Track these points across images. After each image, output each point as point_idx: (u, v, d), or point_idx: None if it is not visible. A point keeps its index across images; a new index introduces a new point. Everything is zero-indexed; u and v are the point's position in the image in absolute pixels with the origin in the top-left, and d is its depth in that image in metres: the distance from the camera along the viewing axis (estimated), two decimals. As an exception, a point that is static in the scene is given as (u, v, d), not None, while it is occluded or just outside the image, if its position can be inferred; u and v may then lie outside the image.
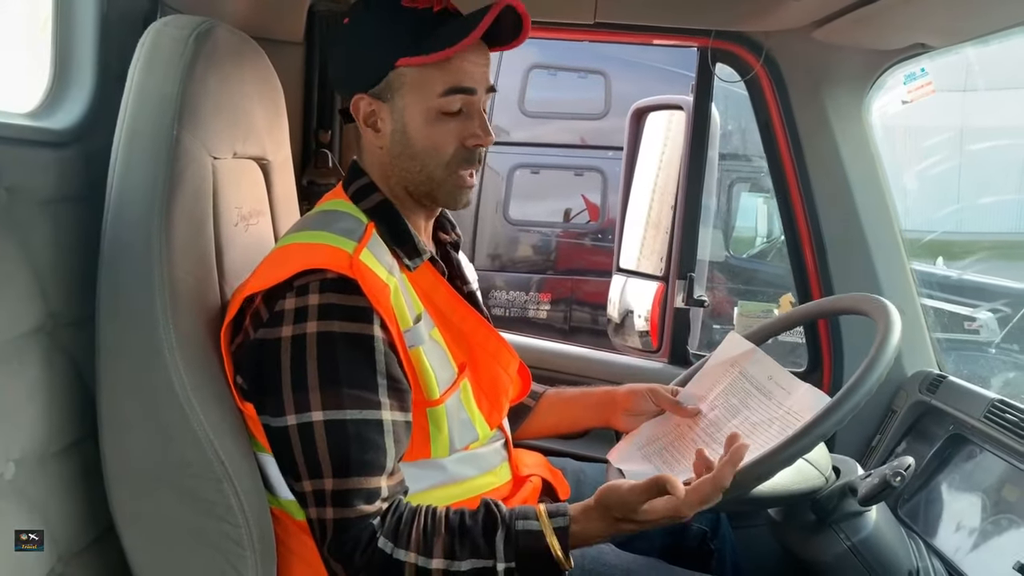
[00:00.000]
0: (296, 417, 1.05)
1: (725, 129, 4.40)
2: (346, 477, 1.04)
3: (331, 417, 1.04)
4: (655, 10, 1.70)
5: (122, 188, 1.12)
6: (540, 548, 1.05)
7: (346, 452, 1.04)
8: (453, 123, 1.14)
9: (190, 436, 1.09)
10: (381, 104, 1.15)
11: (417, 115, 1.13)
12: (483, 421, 1.21)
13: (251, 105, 1.35)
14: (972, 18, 1.47)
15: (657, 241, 2.61)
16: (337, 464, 1.04)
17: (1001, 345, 4.13)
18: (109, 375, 1.10)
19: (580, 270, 5.12)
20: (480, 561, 1.04)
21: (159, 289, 1.09)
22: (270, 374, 1.07)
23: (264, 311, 1.09)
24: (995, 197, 5.94)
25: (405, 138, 1.15)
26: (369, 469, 1.05)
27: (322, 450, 1.04)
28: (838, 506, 1.25)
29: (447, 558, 1.04)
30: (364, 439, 1.05)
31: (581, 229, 5.19)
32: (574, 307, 5.08)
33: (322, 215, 1.20)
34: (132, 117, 1.13)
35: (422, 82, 1.12)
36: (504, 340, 1.27)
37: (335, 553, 1.05)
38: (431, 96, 1.13)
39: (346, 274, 1.06)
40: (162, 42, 1.15)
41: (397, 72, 1.13)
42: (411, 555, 1.04)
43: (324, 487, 1.04)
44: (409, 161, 1.16)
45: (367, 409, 1.06)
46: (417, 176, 1.16)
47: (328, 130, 1.84)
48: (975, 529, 1.42)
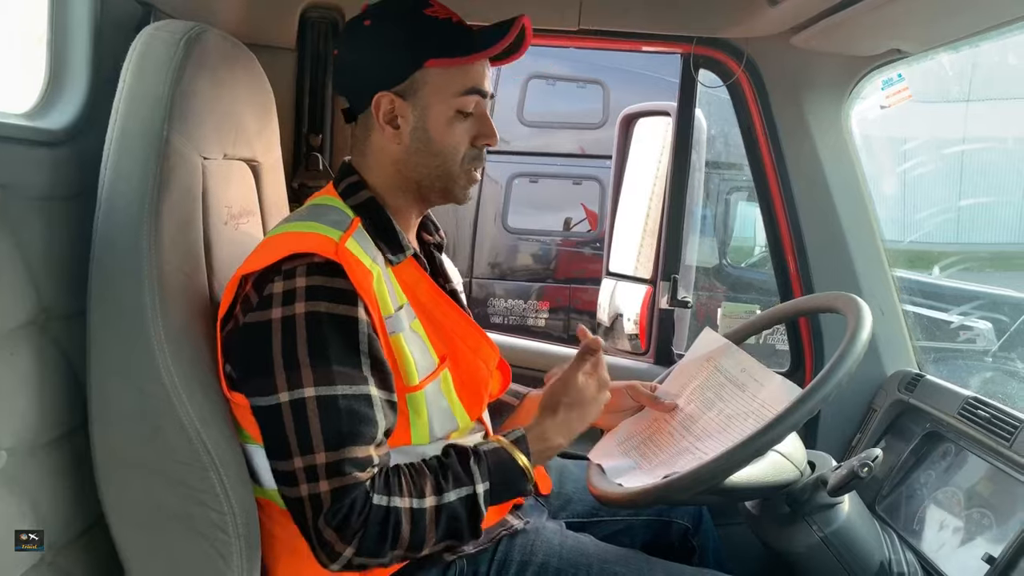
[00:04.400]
0: (289, 394, 1.09)
1: (718, 137, 4.43)
2: (338, 448, 1.08)
3: (323, 393, 1.08)
4: (638, 17, 1.74)
5: (113, 186, 1.15)
6: (505, 459, 1.18)
7: (338, 425, 1.08)
8: (466, 123, 1.23)
9: (178, 426, 1.12)
10: (403, 102, 1.21)
11: (439, 114, 1.21)
12: (463, 411, 1.25)
13: (241, 108, 1.39)
14: (944, 24, 1.51)
15: (653, 248, 2.64)
16: (329, 437, 1.08)
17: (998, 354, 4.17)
18: (99, 367, 1.13)
19: (579, 279, 5.15)
20: (463, 489, 1.14)
21: (148, 283, 1.12)
22: (261, 355, 1.10)
23: (254, 295, 1.13)
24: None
25: (426, 135, 1.22)
26: (360, 439, 1.09)
27: (314, 425, 1.08)
28: (811, 498, 1.28)
29: (436, 494, 1.12)
30: (355, 412, 1.09)
31: (579, 238, 5.22)
32: (572, 315, 5.10)
33: (311, 208, 1.25)
34: (124, 118, 1.17)
35: (445, 83, 1.20)
36: (485, 335, 1.30)
37: (332, 521, 1.07)
38: (451, 96, 1.21)
39: (332, 259, 1.11)
40: (154, 45, 1.19)
41: (424, 72, 1.20)
42: (405, 500, 1.11)
43: (316, 461, 1.08)
44: (429, 157, 1.23)
45: (356, 384, 1.10)
46: (435, 171, 1.24)
47: (319, 134, 1.88)
48: (949, 523, 1.45)
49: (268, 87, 1.49)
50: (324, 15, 1.81)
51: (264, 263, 1.12)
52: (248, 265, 1.15)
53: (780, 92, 1.79)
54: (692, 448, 1.31)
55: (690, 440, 1.33)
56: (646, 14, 1.72)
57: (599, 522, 1.49)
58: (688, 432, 1.35)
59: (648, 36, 1.84)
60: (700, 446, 1.30)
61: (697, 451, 1.30)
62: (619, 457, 1.38)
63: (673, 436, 1.36)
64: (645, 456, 1.36)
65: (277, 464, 1.11)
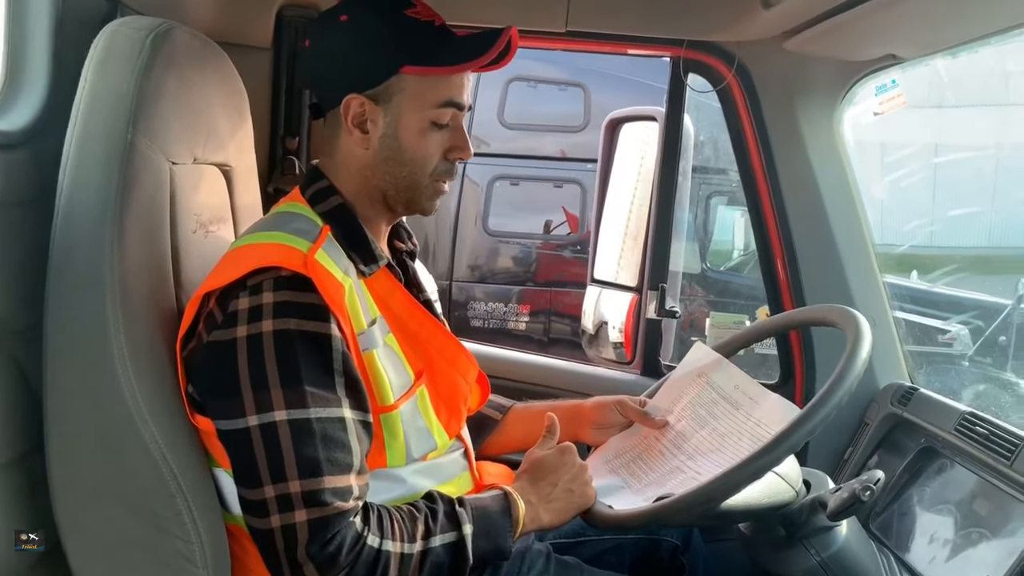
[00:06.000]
0: (258, 417, 1.02)
1: (698, 141, 4.42)
2: (314, 477, 1.01)
3: (295, 416, 1.02)
4: (627, 19, 1.69)
5: (73, 191, 1.08)
6: (489, 505, 1.14)
7: (313, 451, 1.01)
8: (440, 135, 1.17)
9: (141, 448, 1.05)
10: (375, 107, 1.15)
11: (412, 123, 1.15)
12: (441, 430, 1.19)
13: (213, 110, 1.32)
14: (941, 30, 1.47)
15: (635, 253, 2.60)
16: (304, 464, 1.01)
17: (974, 358, 4.18)
18: (57, 385, 1.07)
19: (559, 282, 5.11)
20: (449, 534, 1.09)
21: (111, 296, 1.05)
22: (226, 376, 1.04)
23: (218, 313, 1.06)
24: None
25: (396, 143, 1.16)
26: (338, 468, 1.03)
27: (287, 450, 1.01)
28: (808, 521, 1.23)
29: (424, 539, 1.07)
30: (329, 437, 1.03)
31: (560, 240, 5.18)
32: (553, 319, 5.06)
33: (276, 216, 1.18)
34: (85, 118, 1.10)
35: (421, 92, 1.14)
36: (463, 346, 1.25)
37: (317, 555, 1.01)
38: (427, 106, 1.14)
39: (300, 272, 1.04)
40: (117, 42, 1.13)
41: (399, 78, 1.13)
42: (396, 544, 1.05)
43: (289, 490, 1.01)
44: (397, 166, 1.16)
45: (330, 407, 1.04)
46: (402, 181, 1.17)
47: (296, 137, 1.81)
48: (946, 543, 1.41)
49: (241, 87, 1.42)
50: (302, 13, 1.74)
51: (228, 278, 1.05)
52: (211, 281, 1.08)
53: (772, 97, 1.75)
54: (684, 467, 1.26)
55: (681, 459, 1.28)
56: (635, 16, 1.67)
57: (586, 542, 1.44)
58: (679, 450, 1.30)
59: (637, 39, 1.79)
60: (692, 465, 1.26)
61: (689, 470, 1.25)
62: (608, 476, 1.33)
63: (664, 454, 1.31)
64: (635, 475, 1.31)
65: (245, 492, 1.05)
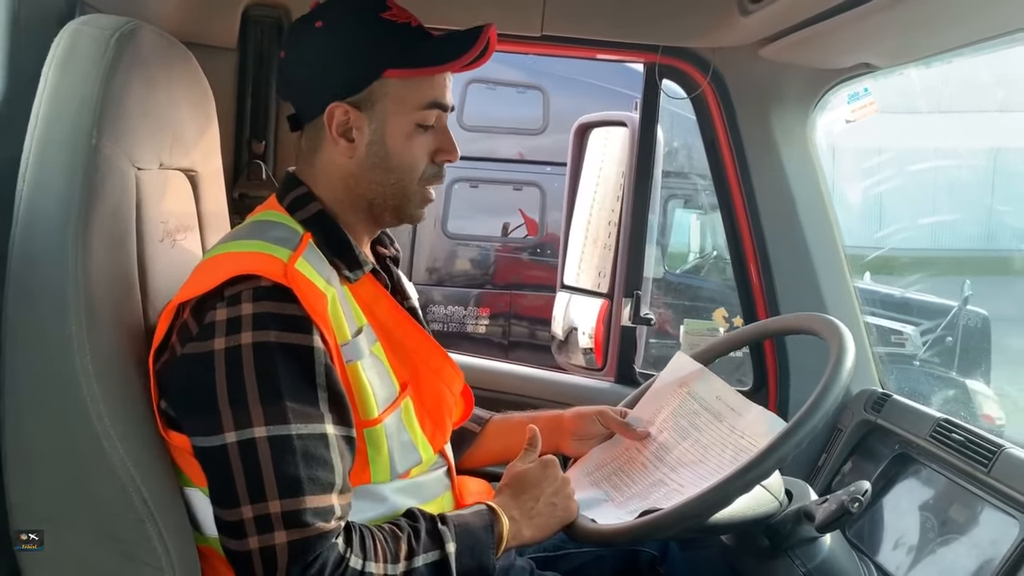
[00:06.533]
0: (236, 434, 0.97)
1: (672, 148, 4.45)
2: (295, 496, 0.97)
3: (275, 433, 0.97)
4: (603, 24, 1.67)
5: (32, 201, 1.02)
6: (472, 522, 1.10)
7: (294, 470, 0.97)
8: (425, 138, 1.14)
9: (108, 472, 0.99)
10: (359, 114, 1.11)
11: (398, 128, 1.12)
12: (426, 443, 1.15)
13: (179, 113, 1.27)
14: (917, 40, 1.48)
15: (596, 256, 2.59)
16: (284, 483, 0.97)
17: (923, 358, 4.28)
18: (15, 405, 1.00)
19: (518, 284, 5.09)
20: (432, 553, 1.05)
21: (74, 310, 0.99)
22: (202, 391, 0.99)
23: (193, 324, 1.01)
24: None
25: (383, 150, 1.12)
26: (319, 487, 0.98)
27: (267, 469, 0.96)
28: (793, 532, 1.22)
29: (407, 559, 1.04)
30: (311, 455, 0.98)
31: (520, 244, 5.17)
32: (512, 322, 5.03)
33: (253, 225, 1.13)
34: (46, 123, 1.04)
35: (406, 94, 1.11)
36: (449, 357, 1.21)
37: None
38: (412, 109, 1.12)
39: (280, 282, 1.00)
40: (80, 42, 1.07)
41: (382, 82, 1.10)
42: (379, 566, 1.01)
43: (269, 510, 0.96)
44: (384, 174, 1.13)
45: (312, 423, 0.99)
46: (390, 189, 1.14)
47: (262, 140, 1.76)
48: (924, 550, 1.41)
49: (208, 89, 1.37)
50: (268, 13, 1.69)
51: (203, 288, 1.01)
52: (185, 291, 1.03)
53: (746, 104, 1.75)
54: (667, 479, 1.25)
55: (664, 471, 1.27)
56: (611, 21, 1.65)
57: (566, 555, 1.42)
58: (662, 462, 1.28)
59: (612, 44, 1.78)
60: (675, 477, 1.24)
61: (672, 483, 1.23)
62: (589, 488, 1.30)
63: (646, 467, 1.29)
64: (617, 488, 1.29)
65: (222, 512, 1.00)
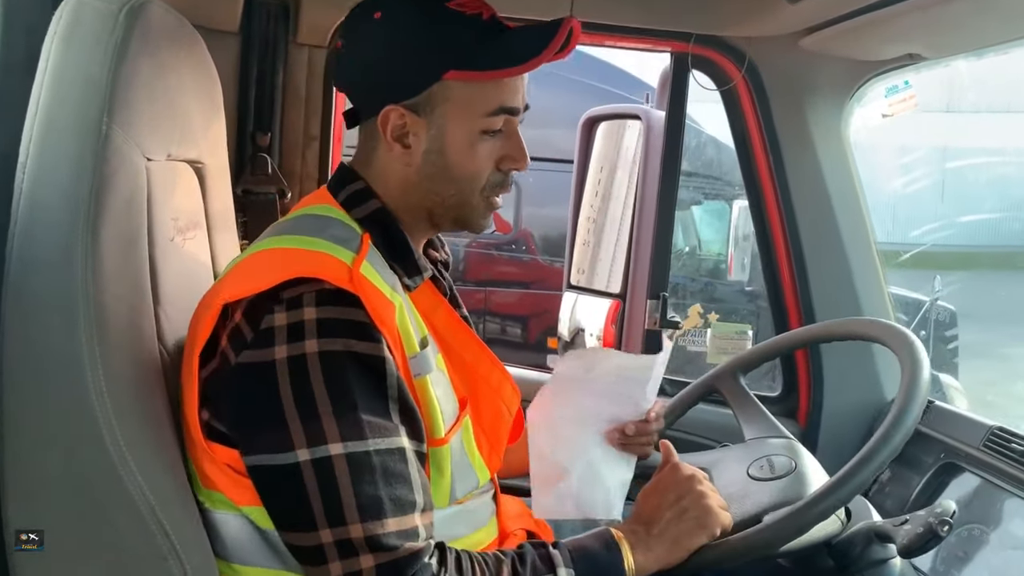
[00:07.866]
0: (310, 452, 0.87)
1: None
2: (378, 519, 0.87)
3: (353, 449, 0.87)
4: (634, 9, 1.57)
5: (34, 196, 0.90)
6: (589, 545, 1.00)
7: (374, 489, 0.87)
8: (491, 144, 1.01)
9: (126, 503, 0.88)
10: (416, 119, 0.98)
11: (460, 135, 0.99)
12: (483, 466, 1.05)
13: (187, 99, 1.15)
14: (968, 32, 1.41)
15: (606, 255, 2.51)
16: (366, 504, 0.87)
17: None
18: (16, 429, 0.88)
19: (492, 281, 5.00)
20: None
21: (85, 321, 0.88)
22: (266, 404, 0.88)
23: (247, 329, 0.90)
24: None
25: (443, 159, 1.00)
26: (402, 507, 0.89)
27: (345, 488, 0.87)
28: (863, 553, 1.14)
29: None
30: (390, 471, 0.89)
31: (494, 240, 5.09)
32: (487, 318, 4.95)
33: (307, 219, 1.01)
34: (47, 107, 0.92)
35: (470, 99, 0.98)
36: (508, 373, 1.10)
37: None
38: (477, 115, 0.99)
39: (346, 288, 0.89)
40: (85, 16, 0.94)
41: (443, 85, 0.97)
42: None
43: (350, 534, 0.87)
44: (444, 184, 1.01)
45: (390, 436, 0.90)
46: (450, 200, 1.02)
47: (267, 133, 1.63)
48: (984, 565, 1.34)
49: (215, 75, 1.25)
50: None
51: (256, 287, 0.90)
52: (231, 288, 0.92)
53: (781, 97, 1.66)
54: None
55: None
56: (643, 6, 1.55)
57: None
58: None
59: (642, 32, 1.68)
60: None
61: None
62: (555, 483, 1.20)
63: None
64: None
65: (294, 537, 0.90)
